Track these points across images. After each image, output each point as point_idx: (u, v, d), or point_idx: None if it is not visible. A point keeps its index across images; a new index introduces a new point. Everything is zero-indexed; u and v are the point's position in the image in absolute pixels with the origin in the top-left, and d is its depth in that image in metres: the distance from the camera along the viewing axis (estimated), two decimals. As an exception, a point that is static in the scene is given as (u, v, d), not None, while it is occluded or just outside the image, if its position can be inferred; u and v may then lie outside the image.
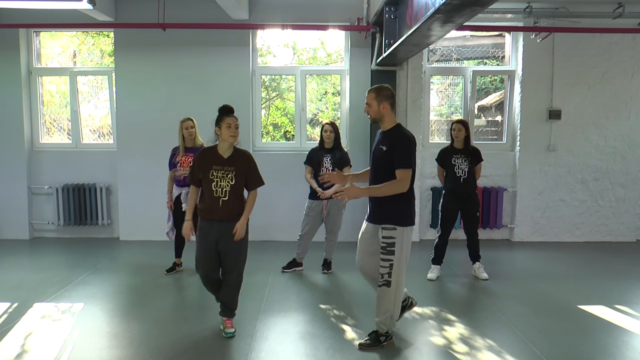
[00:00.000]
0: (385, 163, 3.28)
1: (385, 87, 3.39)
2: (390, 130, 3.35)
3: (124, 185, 6.51)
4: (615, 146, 6.52)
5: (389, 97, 3.33)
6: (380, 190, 3.27)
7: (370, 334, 3.47)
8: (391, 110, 3.35)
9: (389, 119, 3.35)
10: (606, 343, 3.55)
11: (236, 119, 3.51)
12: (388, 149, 3.27)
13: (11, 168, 6.54)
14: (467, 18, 3.42)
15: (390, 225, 3.27)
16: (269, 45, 7.07)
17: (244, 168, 3.52)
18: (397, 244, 3.26)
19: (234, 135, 3.48)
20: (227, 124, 3.46)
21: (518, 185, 6.56)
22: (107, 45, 6.98)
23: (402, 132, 3.33)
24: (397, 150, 3.24)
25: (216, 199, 3.44)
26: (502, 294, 4.53)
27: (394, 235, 3.26)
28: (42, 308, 4.13)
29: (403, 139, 3.27)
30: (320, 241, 5.28)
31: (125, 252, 6.06)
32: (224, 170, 3.46)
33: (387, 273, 3.28)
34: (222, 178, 3.44)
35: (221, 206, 3.45)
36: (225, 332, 3.61)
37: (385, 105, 3.31)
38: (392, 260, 3.26)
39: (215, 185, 3.43)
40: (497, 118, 7.09)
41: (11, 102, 6.48)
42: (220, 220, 3.47)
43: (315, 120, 7.46)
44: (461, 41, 6.99)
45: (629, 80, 6.43)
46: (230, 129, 3.46)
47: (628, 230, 6.65)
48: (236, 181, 3.46)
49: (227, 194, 3.44)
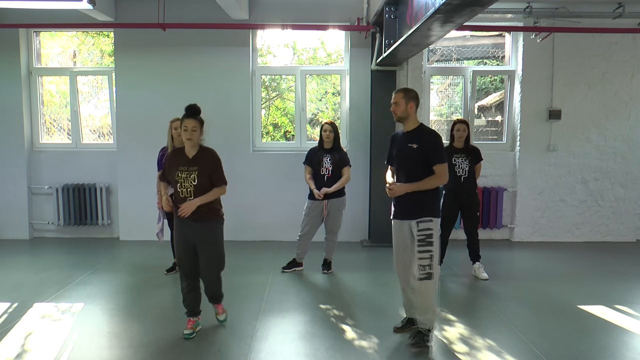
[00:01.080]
0: (417, 160, 3.43)
1: (412, 89, 3.57)
2: (416, 129, 3.50)
3: (124, 185, 6.51)
4: (615, 146, 6.52)
5: (415, 98, 3.49)
6: (423, 185, 3.41)
7: (415, 336, 3.45)
8: (415, 111, 3.51)
9: (413, 118, 3.51)
10: (606, 343, 3.54)
11: (195, 121, 3.48)
12: (419, 147, 3.41)
13: (11, 168, 6.54)
14: (467, 18, 3.42)
15: (427, 217, 3.41)
16: (269, 45, 7.07)
17: (207, 167, 3.53)
18: (434, 235, 3.40)
19: (189, 138, 3.48)
20: (184, 126, 3.46)
21: (518, 185, 6.56)
22: (107, 45, 6.98)
23: (430, 130, 3.55)
24: (432, 147, 3.41)
25: (182, 199, 3.51)
26: (502, 294, 4.53)
27: (431, 227, 3.40)
28: (42, 308, 4.13)
29: (434, 137, 3.46)
30: (320, 241, 5.28)
31: (125, 252, 6.06)
32: (188, 170, 3.50)
33: (428, 265, 3.38)
34: (186, 179, 3.49)
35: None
36: (217, 318, 3.79)
37: (412, 105, 3.47)
38: (431, 251, 3.38)
39: (180, 186, 3.50)
40: (497, 118, 7.09)
41: (11, 102, 6.48)
42: (191, 220, 3.50)
43: (315, 120, 7.46)
44: (461, 41, 6.99)
45: (629, 80, 6.43)
46: (187, 132, 3.46)
47: (628, 230, 6.64)
48: (199, 181, 3.48)
49: (192, 193, 3.49)
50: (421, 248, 3.39)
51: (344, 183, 4.96)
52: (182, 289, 3.66)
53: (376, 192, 6.31)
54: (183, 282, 3.65)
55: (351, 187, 5.45)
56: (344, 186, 5.00)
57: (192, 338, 3.58)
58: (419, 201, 3.42)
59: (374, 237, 6.35)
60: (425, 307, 3.42)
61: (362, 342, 3.53)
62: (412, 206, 3.44)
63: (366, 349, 3.42)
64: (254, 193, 6.49)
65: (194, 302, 3.67)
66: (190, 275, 3.63)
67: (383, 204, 6.28)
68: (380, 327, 3.77)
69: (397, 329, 3.69)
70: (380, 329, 3.74)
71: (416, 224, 3.42)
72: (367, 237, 6.51)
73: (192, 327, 3.64)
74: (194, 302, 3.67)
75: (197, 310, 3.70)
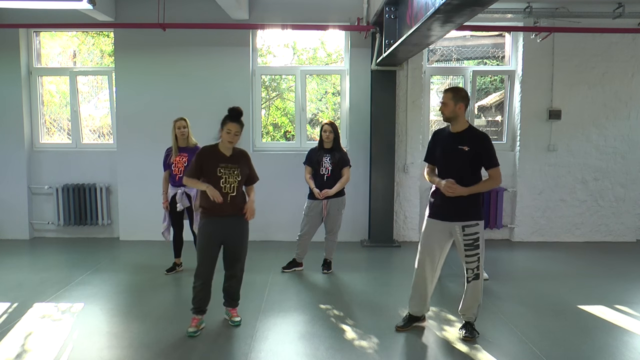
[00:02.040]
0: (468, 163, 3.43)
1: (462, 88, 3.55)
2: (465, 131, 3.48)
3: (124, 185, 6.51)
4: (615, 146, 6.52)
5: (465, 99, 3.45)
6: (480, 188, 3.44)
7: (466, 328, 3.60)
8: (465, 111, 3.48)
9: (462, 119, 3.48)
10: (606, 343, 3.54)
11: (239, 126, 3.57)
12: (471, 149, 3.40)
13: (11, 168, 6.54)
14: (467, 18, 3.42)
15: (474, 221, 3.45)
16: (269, 45, 7.07)
17: (246, 166, 3.68)
18: (480, 238, 3.47)
19: (231, 142, 3.58)
20: (228, 129, 3.54)
21: (518, 185, 6.56)
22: (107, 45, 6.98)
23: (481, 132, 3.51)
24: (486, 150, 3.42)
25: (225, 194, 3.55)
26: (502, 294, 4.53)
27: (477, 231, 3.46)
28: (42, 308, 4.13)
29: (487, 140, 3.46)
30: (320, 241, 5.28)
31: (125, 252, 6.06)
32: (230, 167, 3.58)
33: (476, 267, 3.49)
34: (230, 175, 3.57)
35: (230, 202, 3.58)
36: (232, 321, 3.79)
37: (461, 106, 3.44)
38: (479, 253, 3.47)
39: (224, 181, 3.56)
40: (497, 118, 7.09)
41: (11, 102, 6.47)
42: (230, 215, 3.60)
43: (315, 120, 7.46)
44: (461, 41, 6.99)
45: (629, 80, 6.43)
46: (230, 135, 3.55)
47: (628, 230, 6.64)
48: (241, 177, 3.61)
49: (235, 189, 3.58)
50: (469, 252, 3.47)
51: (344, 183, 4.96)
52: (195, 287, 3.66)
53: (376, 192, 6.32)
54: (198, 280, 3.64)
55: (351, 187, 5.45)
56: (344, 186, 5.00)
57: (196, 336, 3.59)
58: (466, 204, 3.44)
59: (374, 237, 6.35)
60: (473, 303, 3.57)
61: (362, 342, 3.53)
62: (460, 209, 3.45)
63: (366, 349, 3.42)
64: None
65: (205, 300, 3.70)
66: (208, 274, 3.65)
67: (383, 204, 6.30)
68: (380, 327, 3.77)
69: (399, 328, 3.70)
70: (380, 329, 3.74)
71: (461, 228, 3.45)
72: (367, 237, 6.51)
73: (196, 325, 3.65)
74: (204, 300, 3.70)
75: (204, 308, 3.72)
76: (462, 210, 3.44)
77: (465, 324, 3.63)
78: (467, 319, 3.62)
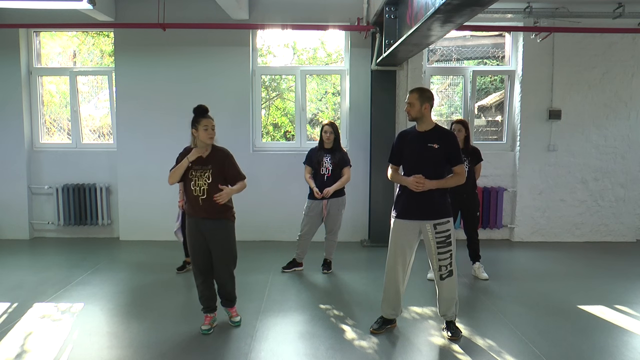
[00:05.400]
0: (438, 160, 3.49)
1: (427, 89, 3.64)
2: (433, 130, 3.54)
3: (124, 185, 6.51)
4: (615, 146, 6.52)
5: (430, 99, 3.52)
6: (447, 183, 3.50)
7: (450, 329, 3.61)
8: (430, 111, 3.54)
9: (428, 119, 3.54)
10: (606, 343, 3.54)
11: (212, 120, 3.57)
12: (441, 147, 3.46)
13: (11, 168, 6.54)
14: (467, 18, 3.42)
15: (445, 218, 3.50)
16: (269, 45, 7.07)
17: (221, 166, 3.59)
18: (452, 234, 3.52)
19: (211, 137, 3.55)
20: (204, 125, 3.52)
21: (518, 185, 6.56)
22: (107, 45, 6.98)
23: (448, 130, 3.63)
24: (453, 148, 3.50)
25: (195, 197, 3.55)
26: (502, 294, 4.53)
27: (449, 228, 3.51)
28: (42, 308, 4.14)
29: (454, 138, 3.56)
30: (320, 241, 5.28)
31: (125, 252, 6.06)
32: (202, 169, 3.54)
33: (449, 263, 3.53)
34: (200, 177, 3.54)
35: (201, 205, 3.55)
36: (232, 321, 3.79)
37: (427, 106, 3.50)
38: (451, 250, 3.52)
39: (193, 184, 3.54)
40: (497, 118, 7.09)
41: (11, 102, 6.47)
42: (204, 218, 3.57)
43: (315, 120, 7.46)
44: (461, 41, 6.98)
45: (629, 80, 6.43)
46: (207, 131, 3.53)
47: (628, 230, 6.64)
48: (213, 179, 3.54)
49: (205, 192, 3.53)
50: (442, 249, 3.51)
51: (344, 183, 4.96)
52: (198, 286, 3.70)
53: (376, 192, 6.32)
54: (198, 278, 3.68)
55: (351, 187, 5.44)
56: (344, 186, 5.00)
57: (210, 334, 3.62)
58: (436, 202, 3.48)
59: (374, 237, 6.35)
60: (450, 301, 3.59)
61: (362, 342, 3.53)
62: (430, 207, 3.48)
63: (366, 349, 3.42)
64: (253, 193, 6.43)
65: (211, 298, 3.72)
66: (204, 270, 3.67)
67: (383, 204, 6.30)
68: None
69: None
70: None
71: (433, 226, 3.48)
72: (367, 237, 6.51)
73: (209, 323, 3.69)
74: (210, 298, 3.72)
75: (213, 306, 3.74)
76: (432, 208, 3.48)
77: (448, 324, 3.64)
78: (448, 319, 3.64)
